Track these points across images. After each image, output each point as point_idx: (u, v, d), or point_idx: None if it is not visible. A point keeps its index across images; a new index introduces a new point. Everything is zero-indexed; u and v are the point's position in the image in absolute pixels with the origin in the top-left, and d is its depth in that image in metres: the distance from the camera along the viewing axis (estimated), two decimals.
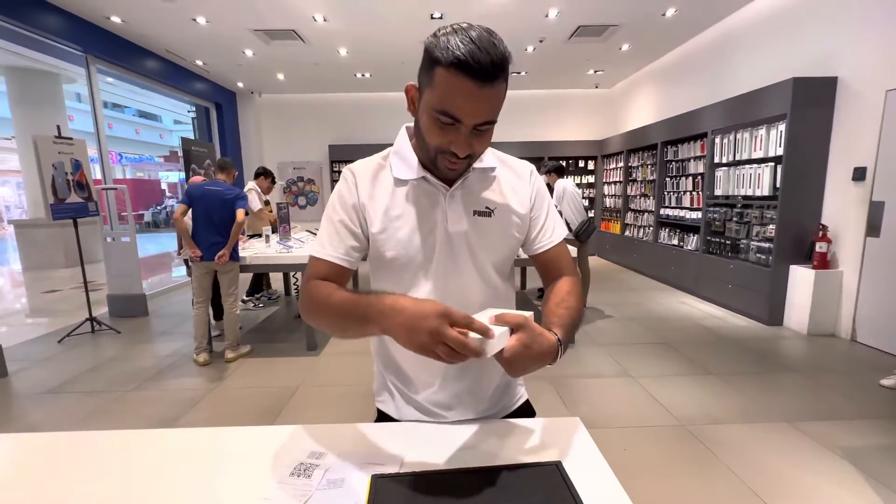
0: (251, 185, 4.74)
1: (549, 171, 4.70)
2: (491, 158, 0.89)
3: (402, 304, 0.68)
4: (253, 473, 0.76)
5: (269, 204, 4.92)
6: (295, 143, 8.83)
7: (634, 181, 7.20)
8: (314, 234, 4.59)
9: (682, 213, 5.70)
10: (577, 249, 4.26)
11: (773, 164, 4.08)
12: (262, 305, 5.11)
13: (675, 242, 5.85)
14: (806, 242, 3.94)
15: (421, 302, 0.67)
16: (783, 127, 3.92)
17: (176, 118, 19.83)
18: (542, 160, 7.48)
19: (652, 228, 6.42)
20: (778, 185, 3.99)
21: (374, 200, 0.86)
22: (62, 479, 0.77)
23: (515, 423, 0.91)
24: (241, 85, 8.04)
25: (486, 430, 0.88)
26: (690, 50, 6.02)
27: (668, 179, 6.11)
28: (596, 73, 7.54)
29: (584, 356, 3.46)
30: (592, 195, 8.76)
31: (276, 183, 5.02)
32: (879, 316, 3.47)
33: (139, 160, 20.46)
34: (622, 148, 7.50)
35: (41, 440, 0.90)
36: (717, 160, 4.87)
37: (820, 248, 3.76)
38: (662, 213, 6.16)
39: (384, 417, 0.99)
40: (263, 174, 4.79)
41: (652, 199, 6.47)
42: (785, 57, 4.33)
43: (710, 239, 5.00)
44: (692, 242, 5.43)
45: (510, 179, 0.91)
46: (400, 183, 0.86)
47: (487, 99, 0.70)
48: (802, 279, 3.85)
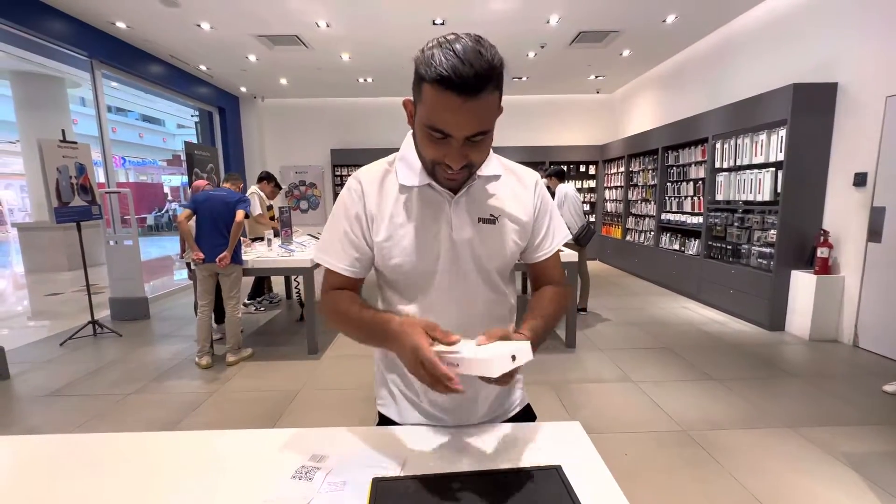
0: (254, 188, 4.75)
1: (549, 175, 4.72)
2: (496, 166, 0.88)
3: (395, 331, 0.74)
4: (254, 477, 0.77)
5: (271, 209, 4.92)
6: (297, 147, 8.86)
7: (635, 186, 7.20)
8: (316, 237, 4.60)
9: (683, 217, 5.70)
10: (577, 253, 4.25)
11: (773, 169, 4.08)
12: (263, 309, 5.11)
13: (676, 247, 5.84)
14: (807, 247, 3.93)
15: (404, 332, 0.72)
16: (784, 132, 3.92)
17: (179, 122, 19.94)
18: (543, 165, 7.49)
19: (653, 233, 6.42)
20: (779, 190, 4.00)
21: (380, 209, 0.87)
22: (63, 482, 0.77)
23: (516, 426, 0.92)
24: (244, 89, 8.09)
25: (486, 433, 0.89)
26: (691, 56, 6.04)
27: (669, 184, 6.11)
28: (597, 78, 7.57)
29: (585, 360, 3.45)
30: (594, 200, 8.77)
31: (280, 188, 5.02)
32: (882, 321, 3.46)
33: (142, 164, 20.59)
34: (623, 153, 7.51)
35: (42, 443, 0.91)
36: (717, 165, 4.88)
37: (821, 253, 3.75)
38: (663, 217, 6.16)
39: (385, 420, 0.99)
40: (267, 178, 4.80)
41: (653, 203, 6.47)
42: (785, 63, 4.35)
43: (711, 244, 4.99)
44: (693, 247, 5.42)
45: (515, 187, 0.91)
46: (405, 190, 0.86)
47: (474, 112, 0.69)
48: (804, 284, 3.84)
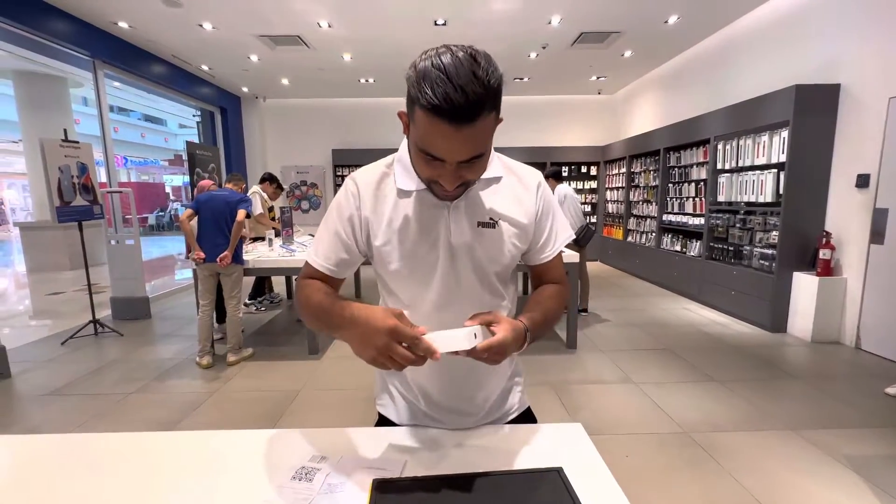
0: (256, 188, 4.76)
1: (547, 176, 4.71)
2: (497, 167, 0.86)
3: (356, 316, 0.72)
4: (254, 477, 0.77)
5: (272, 210, 4.92)
6: (299, 147, 8.87)
7: (637, 187, 7.19)
8: None
9: (684, 219, 5.68)
10: (577, 254, 4.25)
11: (775, 170, 4.07)
12: (264, 309, 5.11)
13: (677, 248, 5.83)
14: (809, 249, 3.92)
15: (373, 316, 0.69)
16: (786, 134, 3.91)
17: (181, 122, 19.96)
18: (544, 166, 7.50)
19: (654, 234, 6.40)
20: (781, 191, 3.99)
21: (377, 213, 0.85)
22: (64, 481, 0.77)
23: (517, 428, 0.91)
24: (245, 89, 8.10)
25: (487, 435, 0.88)
26: (693, 56, 6.03)
27: (670, 185, 6.10)
28: (598, 79, 7.56)
29: (586, 362, 3.45)
30: (595, 200, 8.76)
31: (282, 190, 5.01)
32: (884, 323, 3.45)
33: (144, 164, 20.62)
34: (625, 154, 7.49)
35: (43, 443, 0.91)
36: (719, 166, 4.87)
37: (823, 254, 3.74)
38: (665, 218, 6.14)
39: (385, 421, 0.99)
40: (269, 180, 4.80)
41: (654, 204, 6.46)
42: (787, 64, 4.34)
43: (712, 245, 4.98)
44: (695, 248, 5.41)
45: (516, 189, 0.88)
46: (403, 194, 0.84)
47: (468, 138, 0.67)
48: (806, 286, 3.83)
